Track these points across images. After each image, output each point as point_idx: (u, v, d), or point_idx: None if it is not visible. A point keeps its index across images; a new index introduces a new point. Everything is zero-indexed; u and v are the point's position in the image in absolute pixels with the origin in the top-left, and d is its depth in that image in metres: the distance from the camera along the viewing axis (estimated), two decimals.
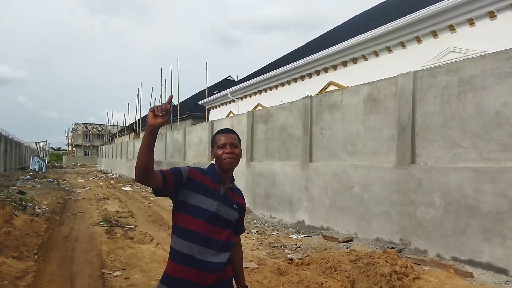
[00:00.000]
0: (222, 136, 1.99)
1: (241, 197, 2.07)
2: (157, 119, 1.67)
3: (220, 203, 1.90)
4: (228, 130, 2.06)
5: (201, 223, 1.85)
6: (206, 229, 1.86)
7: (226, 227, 1.94)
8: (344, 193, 6.65)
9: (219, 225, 1.90)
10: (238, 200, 2.02)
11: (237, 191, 2.07)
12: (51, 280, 4.45)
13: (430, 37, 8.83)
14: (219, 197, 1.91)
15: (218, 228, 1.89)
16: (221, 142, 1.96)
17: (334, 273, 4.20)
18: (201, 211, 1.86)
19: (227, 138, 1.98)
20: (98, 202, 11.83)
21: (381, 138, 6.08)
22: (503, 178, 4.35)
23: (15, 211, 7.21)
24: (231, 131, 2.05)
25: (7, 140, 24.09)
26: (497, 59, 4.57)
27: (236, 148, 1.97)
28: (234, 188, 2.04)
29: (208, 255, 1.86)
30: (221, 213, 1.90)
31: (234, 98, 18.01)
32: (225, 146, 1.95)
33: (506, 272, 4.26)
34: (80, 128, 73.02)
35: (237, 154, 1.98)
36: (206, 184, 1.91)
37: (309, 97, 7.79)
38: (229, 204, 1.95)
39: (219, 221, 1.89)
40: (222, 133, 2.02)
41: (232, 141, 1.97)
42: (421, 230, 5.26)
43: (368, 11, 17.32)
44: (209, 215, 1.86)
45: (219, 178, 1.96)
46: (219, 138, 1.99)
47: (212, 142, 2.04)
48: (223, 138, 1.98)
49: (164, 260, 5.37)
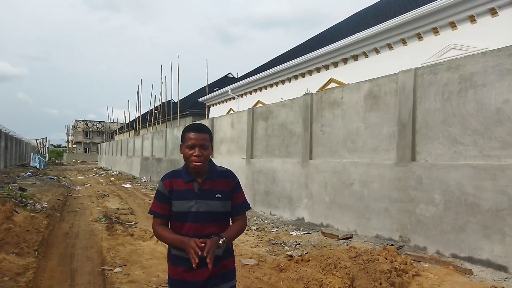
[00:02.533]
0: (192, 134, 1.90)
1: (224, 181, 1.98)
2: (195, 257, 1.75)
3: (198, 201, 1.91)
4: (200, 128, 1.94)
5: (187, 225, 1.91)
6: (193, 229, 1.90)
7: (215, 220, 1.93)
8: (344, 190, 6.65)
9: (205, 220, 1.91)
10: (220, 187, 1.96)
11: (218, 177, 1.98)
12: (52, 276, 4.46)
13: (431, 34, 8.80)
14: (195, 196, 1.91)
15: (206, 224, 1.91)
16: (191, 142, 1.88)
17: (333, 269, 4.20)
18: (183, 215, 1.91)
19: (197, 138, 1.89)
20: (99, 199, 11.85)
21: (381, 135, 6.08)
22: (503, 175, 4.34)
23: (15, 207, 7.22)
24: (203, 130, 1.93)
25: (8, 137, 24.10)
26: (498, 56, 4.56)
27: (206, 150, 1.90)
28: (212, 177, 1.96)
29: None
30: (202, 209, 1.90)
31: (235, 95, 17.99)
32: (194, 147, 1.88)
33: (505, 269, 4.26)
34: (81, 125, 73.04)
35: (206, 156, 1.91)
36: (181, 188, 1.92)
37: (309, 94, 7.78)
38: (209, 197, 1.92)
39: (204, 217, 1.91)
40: (192, 131, 1.91)
41: (202, 143, 1.89)
42: (420, 227, 5.26)
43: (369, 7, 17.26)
44: (191, 216, 1.90)
45: (190, 177, 1.94)
46: (188, 137, 1.90)
47: (182, 138, 1.96)
48: (193, 137, 1.89)
49: (164, 256, 5.38)
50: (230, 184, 2.00)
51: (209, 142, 1.93)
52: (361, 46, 10.52)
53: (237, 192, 2.03)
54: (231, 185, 2.00)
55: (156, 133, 19.51)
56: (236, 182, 2.04)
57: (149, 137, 20.43)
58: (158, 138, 18.69)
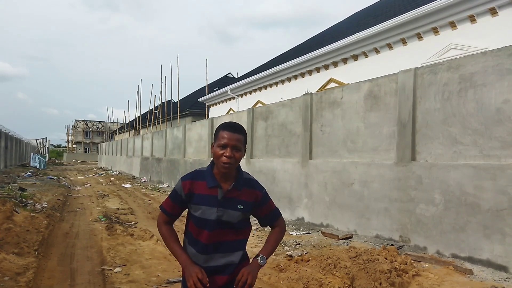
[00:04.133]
0: (226, 133, 1.78)
1: (250, 191, 1.88)
2: None
3: (220, 209, 1.81)
4: (235, 127, 1.82)
5: (205, 233, 1.83)
6: (211, 236, 1.83)
7: (232, 228, 1.86)
8: (344, 190, 6.65)
9: (224, 228, 1.84)
10: (245, 198, 1.86)
11: (244, 187, 1.88)
12: (52, 276, 4.45)
13: (431, 34, 8.80)
14: (217, 203, 1.81)
15: (224, 231, 1.85)
16: (224, 142, 1.77)
17: (333, 269, 4.20)
18: (203, 222, 1.83)
19: (231, 138, 1.77)
20: (98, 199, 11.85)
21: (381, 135, 6.07)
22: (503, 175, 4.34)
23: (15, 207, 7.21)
24: (238, 130, 1.81)
25: (8, 137, 24.09)
26: (498, 56, 4.56)
27: (238, 151, 1.79)
28: (238, 186, 1.85)
29: (216, 259, 1.85)
30: (223, 218, 1.82)
31: (234, 95, 17.99)
32: (226, 147, 1.76)
33: (505, 269, 4.26)
34: (80, 125, 73.03)
35: (238, 158, 1.80)
36: (204, 192, 1.82)
37: (309, 94, 7.78)
38: (232, 207, 1.83)
39: (223, 225, 1.83)
40: (227, 130, 1.80)
41: (236, 144, 1.77)
42: (420, 227, 5.26)
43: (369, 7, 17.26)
44: (211, 224, 1.82)
45: (215, 182, 1.82)
46: (222, 135, 1.79)
47: (214, 136, 1.85)
48: (227, 137, 1.77)
49: (164, 256, 5.38)
50: (255, 196, 1.91)
51: (242, 143, 1.81)
52: (361, 46, 10.52)
53: (267, 203, 1.98)
54: (258, 197, 1.92)
55: (156, 133, 19.51)
56: (264, 193, 1.95)
57: (149, 137, 20.43)
58: (158, 138, 18.68)
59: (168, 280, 4.36)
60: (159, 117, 26.47)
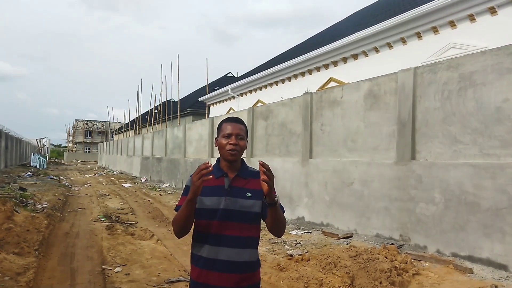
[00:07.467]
0: (229, 125, 1.89)
1: (256, 180, 1.86)
2: (199, 180, 1.63)
3: (227, 197, 1.82)
4: (236, 119, 1.94)
5: (215, 223, 1.81)
6: (221, 228, 1.81)
7: (245, 221, 1.84)
8: (344, 189, 6.65)
9: (234, 220, 1.82)
10: (252, 186, 1.88)
11: (250, 176, 1.92)
12: (52, 276, 4.46)
13: (430, 33, 8.79)
14: (224, 192, 1.84)
15: (235, 223, 1.82)
16: (227, 132, 1.87)
17: (334, 269, 4.20)
18: (211, 212, 1.82)
19: (234, 128, 1.88)
20: (99, 199, 11.86)
21: (381, 134, 6.08)
22: (503, 174, 4.34)
23: (16, 207, 7.22)
24: (239, 121, 1.94)
25: (8, 137, 24.11)
26: (498, 55, 4.56)
27: (241, 140, 1.89)
28: (244, 175, 1.91)
29: (225, 253, 1.81)
30: (231, 207, 1.82)
31: (234, 95, 17.98)
32: (231, 136, 1.86)
33: (505, 268, 4.27)
34: (81, 125, 73.06)
35: (242, 146, 1.89)
36: (210, 184, 1.80)
37: (309, 94, 7.78)
38: (240, 195, 1.85)
39: (233, 216, 1.82)
40: (229, 121, 1.91)
41: (239, 132, 1.88)
42: (421, 226, 5.26)
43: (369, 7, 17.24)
44: (220, 213, 1.81)
45: (221, 172, 1.88)
46: (225, 127, 1.89)
47: (217, 129, 1.94)
48: (230, 127, 1.88)
49: (164, 256, 5.39)
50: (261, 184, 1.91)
51: (245, 133, 1.92)
52: (361, 45, 10.51)
53: None
54: None
55: (156, 132, 19.52)
56: None
57: (149, 136, 20.43)
58: (158, 138, 18.69)
59: (168, 280, 4.37)
60: (159, 117, 26.46)
